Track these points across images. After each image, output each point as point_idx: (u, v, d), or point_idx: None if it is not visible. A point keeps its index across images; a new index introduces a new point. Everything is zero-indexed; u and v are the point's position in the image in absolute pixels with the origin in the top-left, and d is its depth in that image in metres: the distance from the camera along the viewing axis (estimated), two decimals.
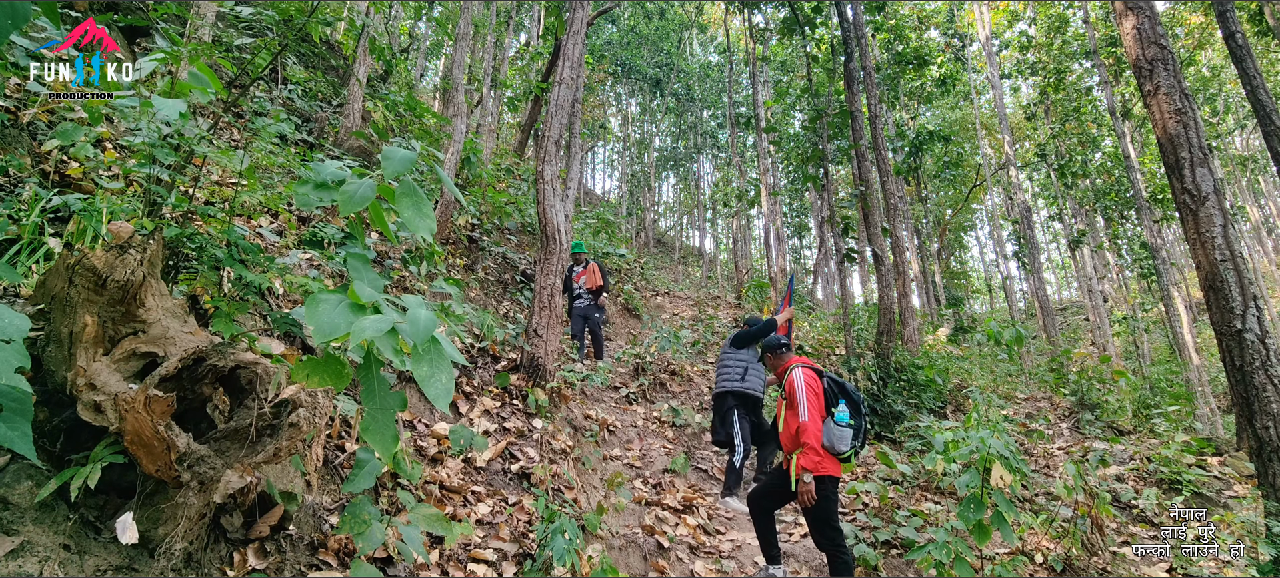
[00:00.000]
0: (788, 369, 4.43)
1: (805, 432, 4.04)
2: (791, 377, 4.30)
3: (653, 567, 4.72)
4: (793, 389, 4.23)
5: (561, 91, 6.92)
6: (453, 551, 3.61)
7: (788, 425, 4.27)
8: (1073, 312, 34.42)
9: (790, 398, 4.25)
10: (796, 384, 4.21)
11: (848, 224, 11.14)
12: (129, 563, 2.24)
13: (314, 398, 2.30)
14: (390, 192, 2.58)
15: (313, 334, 2.10)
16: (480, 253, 10.23)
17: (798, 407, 4.14)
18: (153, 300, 2.18)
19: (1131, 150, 16.29)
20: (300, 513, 3.03)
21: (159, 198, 2.49)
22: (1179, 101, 5.27)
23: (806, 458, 4.00)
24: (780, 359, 4.73)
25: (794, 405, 4.18)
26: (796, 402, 4.16)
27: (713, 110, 30.32)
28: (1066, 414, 9.77)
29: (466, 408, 5.68)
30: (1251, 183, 31.59)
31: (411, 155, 2.68)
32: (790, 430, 4.23)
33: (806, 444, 4.02)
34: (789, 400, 4.26)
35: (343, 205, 2.49)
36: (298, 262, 4.59)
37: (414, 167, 2.67)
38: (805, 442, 4.03)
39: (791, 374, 4.33)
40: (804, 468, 3.98)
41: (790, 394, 4.25)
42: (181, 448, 2.05)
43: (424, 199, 2.60)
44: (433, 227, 2.61)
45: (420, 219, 2.59)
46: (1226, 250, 4.90)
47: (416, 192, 2.61)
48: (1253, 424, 4.60)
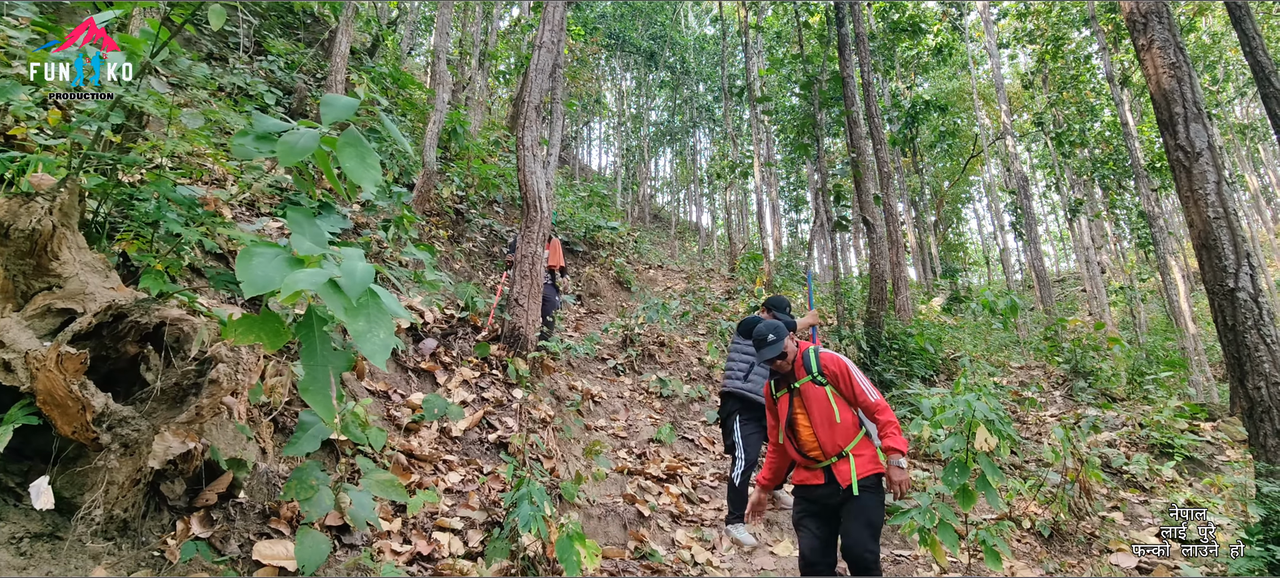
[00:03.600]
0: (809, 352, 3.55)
1: (887, 410, 3.31)
2: (837, 359, 3.46)
3: (632, 536, 4.64)
4: (845, 370, 3.41)
5: (541, 55, 6.73)
6: (417, 519, 3.51)
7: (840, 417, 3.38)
8: (1070, 283, 34.31)
9: (838, 379, 3.41)
10: (848, 364, 3.42)
11: (840, 193, 10.98)
12: (52, 530, 2.13)
13: (237, 353, 2.18)
14: (333, 142, 2.44)
15: (243, 287, 1.98)
16: (467, 225, 10.08)
17: (857, 386, 3.36)
18: (68, 254, 2.05)
19: (1130, 118, 16.04)
20: (253, 481, 2.93)
21: (86, 150, 2.35)
22: (1173, 55, 5.11)
23: (897, 438, 3.26)
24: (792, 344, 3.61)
25: (848, 390, 3.38)
26: (855, 381, 3.37)
27: (709, 83, 29.95)
28: (1060, 382, 9.67)
29: (444, 378, 5.57)
30: (1251, 151, 31.35)
31: (353, 102, 2.53)
32: (845, 422, 3.37)
33: (893, 421, 3.30)
34: (839, 384, 3.41)
35: (282, 156, 2.35)
36: (263, 228, 4.45)
37: (354, 114, 2.53)
38: (891, 418, 3.29)
39: (825, 354, 3.50)
40: (897, 450, 3.24)
41: (841, 375, 3.41)
42: (98, 408, 1.93)
43: (369, 150, 2.46)
44: (378, 177, 2.46)
45: (364, 171, 2.45)
46: (1220, 208, 4.76)
47: (360, 142, 2.46)
48: (1244, 385, 4.49)
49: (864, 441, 3.42)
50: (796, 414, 3.49)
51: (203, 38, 8.97)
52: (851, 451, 3.35)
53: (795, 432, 3.50)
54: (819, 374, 3.46)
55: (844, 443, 3.36)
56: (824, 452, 3.38)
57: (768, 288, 13.32)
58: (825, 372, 3.45)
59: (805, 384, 3.48)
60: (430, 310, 6.19)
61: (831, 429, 3.37)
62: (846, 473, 3.31)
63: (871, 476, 3.32)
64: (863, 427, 3.44)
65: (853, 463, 3.32)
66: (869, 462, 3.35)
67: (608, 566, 4.04)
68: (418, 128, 10.51)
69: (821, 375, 3.45)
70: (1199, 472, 6.63)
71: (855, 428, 3.42)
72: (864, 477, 3.30)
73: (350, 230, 6.25)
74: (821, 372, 3.46)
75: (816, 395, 3.44)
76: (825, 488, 3.40)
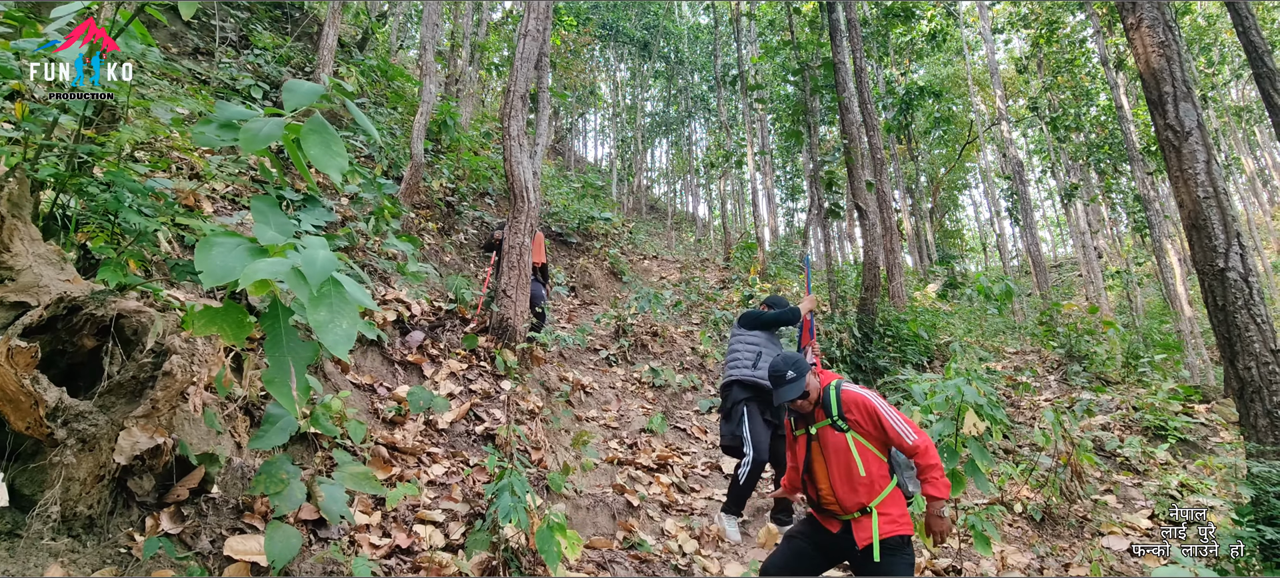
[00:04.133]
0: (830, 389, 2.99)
1: (930, 451, 2.77)
2: (863, 398, 2.92)
3: (621, 526, 4.60)
4: (872, 411, 2.87)
5: (526, 44, 6.66)
6: (398, 512, 3.48)
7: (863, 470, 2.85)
8: (1067, 268, 34.30)
9: (863, 424, 2.88)
10: (877, 403, 2.89)
11: (833, 180, 10.93)
12: (11, 528, 2.09)
13: (191, 344, 2.13)
14: (298, 129, 2.39)
15: (202, 278, 1.93)
16: (457, 218, 10.02)
17: (891, 428, 2.81)
18: (21, 246, 2.00)
19: (1125, 101, 15.97)
20: (226, 475, 2.89)
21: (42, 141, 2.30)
22: (1162, 34, 5.05)
23: (940, 483, 2.74)
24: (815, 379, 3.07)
25: (881, 432, 2.85)
26: (886, 422, 2.82)
27: (703, 73, 29.84)
28: (1054, 367, 9.65)
29: (432, 370, 5.53)
30: (1247, 134, 31.28)
31: (317, 88, 2.48)
32: (869, 476, 2.85)
33: (936, 464, 2.77)
34: (865, 428, 2.88)
35: (245, 144, 2.29)
36: (243, 221, 4.39)
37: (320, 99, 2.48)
38: (934, 461, 2.76)
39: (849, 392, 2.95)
40: (938, 499, 2.74)
41: (868, 418, 2.88)
42: (51, 403, 1.88)
43: (334, 136, 2.41)
44: (344, 164, 2.41)
45: (330, 158, 2.40)
46: (1209, 188, 4.71)
47: (326, 128, 2.41)
48: (1235, 365, 4.45)
49: (894, 495, 2.87)
50: (814, 460, 2.99)
51: (189, 32, 8.89)
52: (877, 507, 2.82)
53: (812, 478, 3.01)
54: (839, 418, 2.90)
55: (867, 499, 2.83)
56: (842, 507, 2.88)
57: (762, 277, 13.28)
58: (847, 415, 2.89)
59: (823, 430, 2.95)
60: (417, 303, 6.14)
61: (852, 484, 2.85)
62: (866, 533, 2.79)
63: (897, 537, 2.79)
64: (894, 477, 2.90)
65: (876, 521, 2.79)
66: (896, 520, 2.80)
67: (595, 556, 4.01)
68: (407, 121, 10.43)
69: (842, 420, 2.90)
70: (1192, 454, 6.61)
71: (883, 479, 2.87)
72: (888, 537, 2.76)
73: (336, 223, 6.19)
74: (842, 415, 2.90)
75: (836, 445, 2.91)
76: (839, 539, 2.93)
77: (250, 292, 2.01)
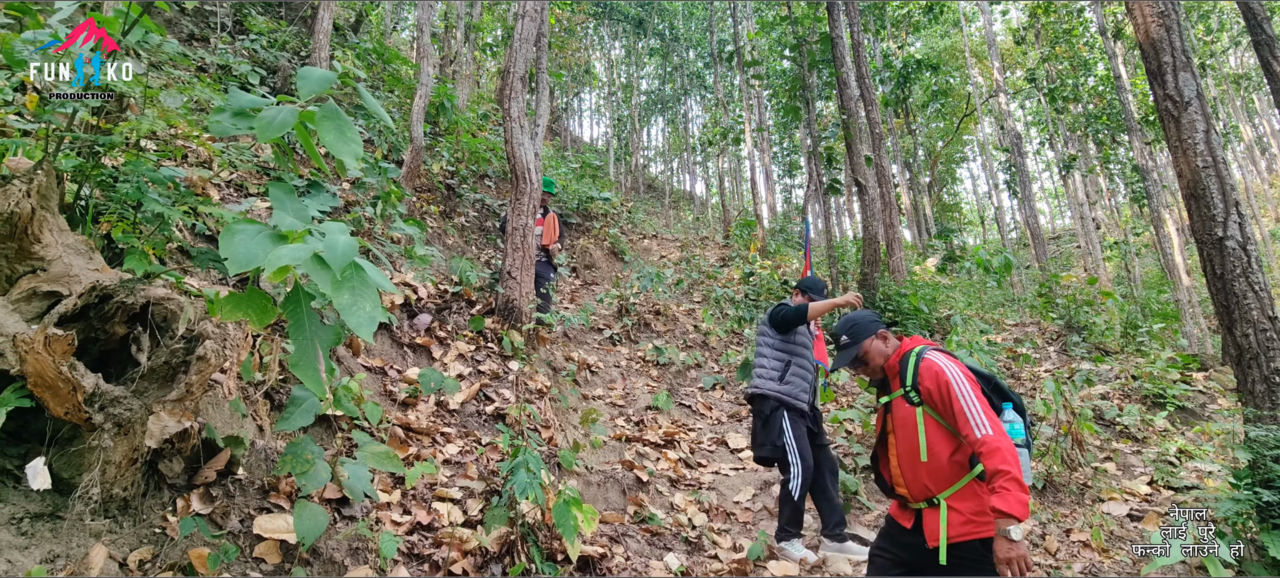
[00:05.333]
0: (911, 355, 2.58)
1: (998, 453, 2.24)
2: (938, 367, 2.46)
3: (631, 501, 4.70)
4: (944, 384, 2.41)
5: (524, 24, 6.65)
6: (416, 490, 3.56)
7: (927, 453, 2.45)
8: (1066, 240, 34.38)
9: (937, 398, 2.43)
10: (951, 376, 2.42)
11: (832, 155, 10.94)
12: (52, 510, 2.16)
13: (223, 329, 2.19)
14: (312, 116, 2.43)
15: (228, 265, 1.98)
16: (458, 200, 10.04)
17: (960, 408, 2.35)
18: (51, 237, 2.04)
19: (1123, 71, 15.94)
20: (251, 457, 2.96)
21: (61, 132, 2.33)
22: (1161, 3, 5.06)
23: (1010, 496, 2.19)
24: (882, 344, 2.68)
25: (947, 415, 2.41)
26: (956, 400, 2.37)
27: (699, 50, 29.65)
28: (1054, 338, 9.75)
29: (440, 352, 5.60)
30: (1246, 102, 31.22)
31: (330, 75, 2.51)
32: (934, 461, 2.44)
33: (1006, 471, 2.21)
34: (935, 403, 2.45)
35: (260, 132, 2.34)
36: (251, 208, 4.43)
37: (334, 87, 2.51)
38: (1003, 467, 2.22)
39: (930, 361, 2.50)
40: (1006, 514, 2.18)
41: (939, 392, 2.43)
42: (89, 389, 1.94)
43: (348, 123, 2.45)
44: (358, 150, 2.46)
45: (344, 144, 2.44)
46: (1208, 157, 4.75)
47: (339, 115, 2.45)
48: (1232, 333, 4.52)
49: (971, 487, 2.39)
50: (887, 435, 2.64)
51: (184, 18, 8.85)
52: (947, 499, 2.40)
53: (882, 455, 2.67)
54: (912, 389, 2.50)
55: (935, 487, 2.43)
56: (909, 493, 2.52)
57: (762, 254, 13.33)
58: (920, 387, 2.48)
59: (897, 400, 2.58)
60: (424, 286, 6.19)
61: (915, 466, 2.46)
62: (934, 529, 2.40)
63: (970, 540, 2.34)
64: (973, 467, 2.40)
65: (944, 516, 2.37)
66: (970, 519, 2.36)
67: (607, 530, 4.10)
68: (404, 104, 10.42)
69: (915, 392, 2.49)
70: (1191, 421, 6.71)
71: (959, 468, 2.42)
72: (959, 539, 2.34)
73: (340, 208, 6.22)
74: (916, 387, 2.49)
75: (904, 419, 2.52)
76: (911, 536, 2.53)
77: (268, 277, 2.07)
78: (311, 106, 2.42)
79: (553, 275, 7.53)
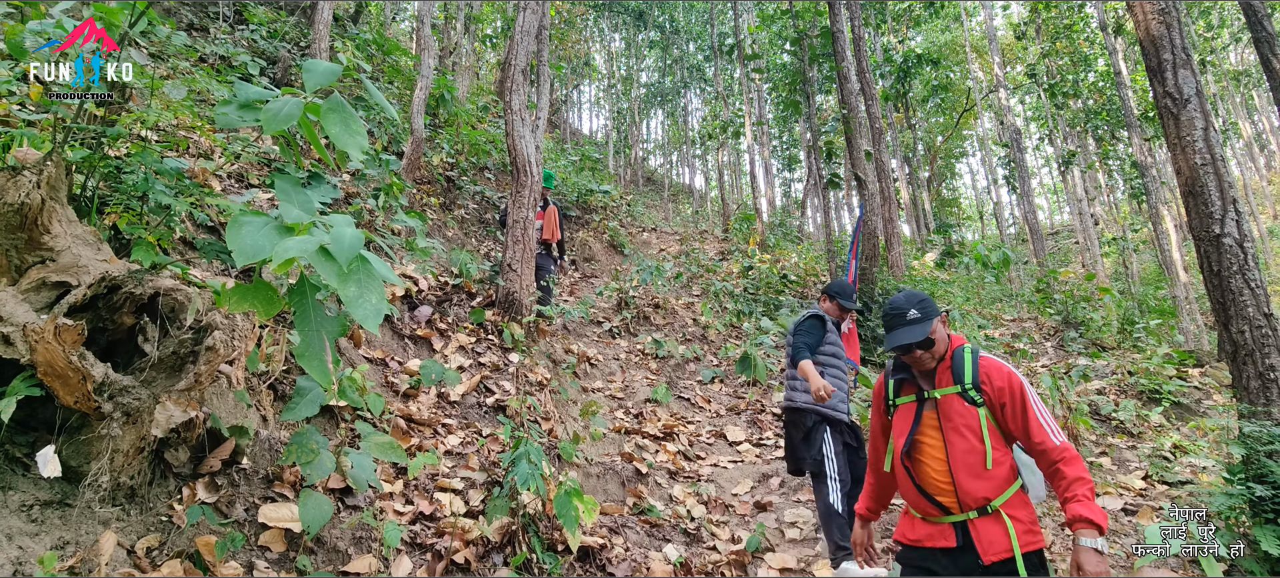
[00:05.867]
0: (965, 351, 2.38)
1: (1079, 461, 2.14)
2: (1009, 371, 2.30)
3: (630, 492, 4.73)
4: (1019, 391, 2.25)
5: (526, 16, 6.66)
6: (419, 480, 3.59)
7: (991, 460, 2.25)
8: (1064, 235, 34.42)
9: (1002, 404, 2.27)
10: (1025, 382, 2.28)
11: (832, 150, 10.96)
12: (62, 498, 2.18)
13: (231, 320, 2.21)
14: (317, 109, 2.44)
15: (235, 257, 2.00)
16: (458, 192, 10.05)
17: (1036, 418, 2.20)
18: (59, 227, 2.06)
19: (1123, 67, 15.96)
20: (255, 447, 2.98)
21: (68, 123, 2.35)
22: (1162, 1, 5.08)
23: (1094, 505, 2.08)
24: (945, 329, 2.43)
25: (1022, 419, 2.23)
26: (1031, 410, 2.22)
27: (699, 43, 29.60)
28: (1051, 333, 9.79)
29: (441, 344, 5.62)
30: (1245, 98, 31.24)
31: (335, 67, 2.53)
32: (1004, 464, 2.26)
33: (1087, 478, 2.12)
34: (1005, 409, 2.26)
35: (267, 124, 2.36)
36: (253, 199, 4.45)
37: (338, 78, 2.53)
38: (1084, 475, 2.12)
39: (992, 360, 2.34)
40: (1092, 523, 2.06)
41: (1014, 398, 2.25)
42: (98, 378, 1.96)
43: (354, 116, 2.47)
44: (364, 142, 2.48)
45: (350, 137, 2.46)
46: (1207, 155, 4.78)
47: (345, 108, 2.47)
48: (1228, 329, 4.56)
49: (1020, 498, 2.26)
50: (924, 436, 2.37)
51: (183, 9, 8.84)
52: (1002, 506, 2.22)
53: (917, 459, 2.37)
54: (972, 388, 2.30)
55: (991, 494, 2.23)
56: (959, 501, 2.26)
57: (761, 248, 13.35)
58: (984, 387, 2.29)
59: (949, 398, 2.33)
60: (424, 278, 6.21)
61: (977, 472, 2.24)
62: (999, 541, 2.18)
63: (1035, 550, 2.20)
64: (1019, 478, 2.29)
65: (1011, 527, 2.18)
66: (1031, 528, 2.22)
67: (607, 521, 4.13)
68: (404, 95, 10.42)
69: (977, 391, 2.29)
70: (1186, 416, 6.76)
71: (1009, 477, 2.26)
72: (1027, 550, 2.17)
73: (341, 200, 6.23)
74: (978, 385, 2.29)
75: (965, 421, 2.29)
76: (958, 556, 2.26)
77: (273, 269, 2.09)
78: (316, 99, 2.44)
79: (553, 268, 7.53)
